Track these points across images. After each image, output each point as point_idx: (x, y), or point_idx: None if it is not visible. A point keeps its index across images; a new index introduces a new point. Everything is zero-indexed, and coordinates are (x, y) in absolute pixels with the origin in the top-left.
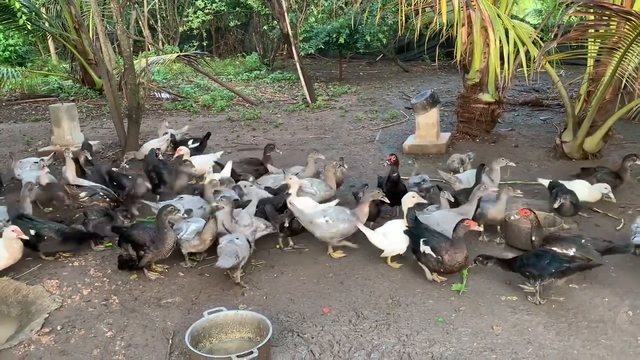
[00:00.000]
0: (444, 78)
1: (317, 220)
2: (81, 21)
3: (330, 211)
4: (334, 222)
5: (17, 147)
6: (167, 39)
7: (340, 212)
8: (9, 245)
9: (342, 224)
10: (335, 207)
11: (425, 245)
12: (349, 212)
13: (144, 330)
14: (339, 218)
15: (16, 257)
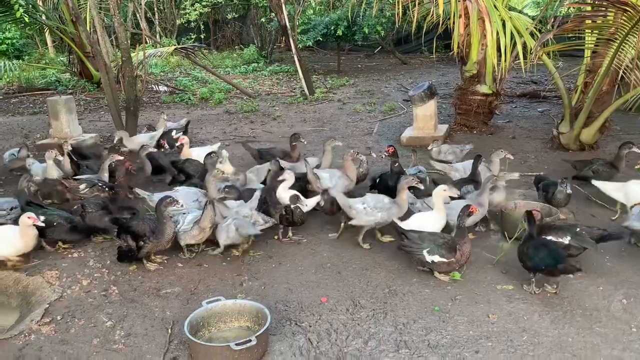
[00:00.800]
0: (442, 70)
1: (356, 206)
2: (78, 14)
3: (369, 199)
4: (371, 210)
5: (15, 140)
6: (164, 32)
7: (378, 201)
8: (24, 233)
9: (380, 213)
10: (374, 195)
11: (431, 255)
12: (387, 201)
13: (143, 320)
14: (377, 206)
15: (30, 245)
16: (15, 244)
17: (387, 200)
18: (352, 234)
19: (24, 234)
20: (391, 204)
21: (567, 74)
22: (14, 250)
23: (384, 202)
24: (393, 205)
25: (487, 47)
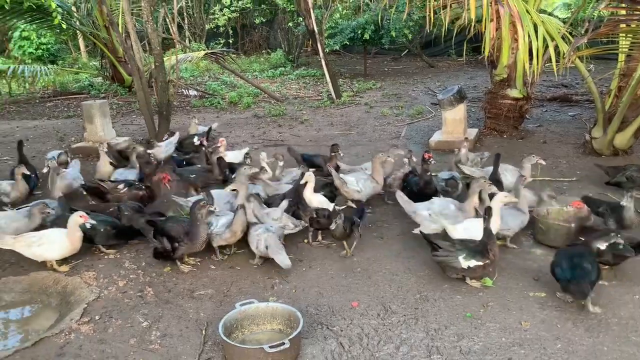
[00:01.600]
0: (470, 73)
1: (420, 212)
2: (112, 20)
3: (435, 204)
4: (436, 217)
5: (50, 143)
6: (193, 37)
7: (444, 207)
8: (72, 234)
9: (445, 220)
10: (441, 200)
11: (467, 260)
12: (454, 207)
13: (178, 321)
14: (443, 212)
15: (76, 246)
16: (62, 247)
17: (453, 206)
18: (382, 240)
19: (71, 235)
20: (458, 211)
21: (600, 77)
22: (62, 253)
23: (450, 209)
24: (459, 212)
25: (518, 51)
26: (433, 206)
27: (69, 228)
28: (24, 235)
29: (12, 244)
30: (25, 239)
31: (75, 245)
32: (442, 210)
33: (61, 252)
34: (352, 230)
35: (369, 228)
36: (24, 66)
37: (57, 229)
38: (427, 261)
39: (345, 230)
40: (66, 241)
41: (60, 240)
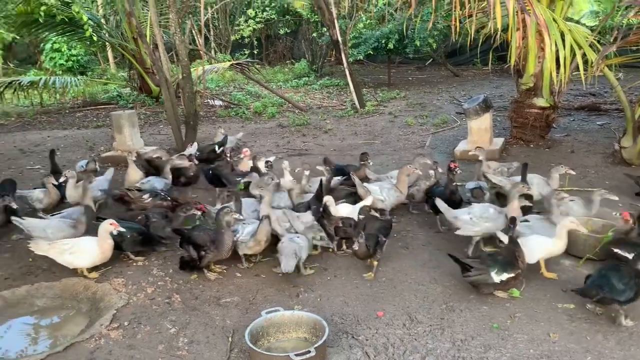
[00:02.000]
0: (495, 82)
1: (462, 216)
2: (141, 32)
3: (475, 209)
4: (477, 220)
5: (80, 152)
6: (219, 48)
7: (485, 211)
8: (102, 242)
9: (486, 223)
10: (482, 204)
11: (499, 275)
12: (493, 211)
13: (204, 327)
14: (484, 216)
15: (106, 255)
16: (93, 255)
17: (492, 209)
18: (407, 249)
19: (102, 243)
20: (498, 214)
21: (629, 86)
22: (92, 261)
23: (490, 212)
24: (500, 216)
25: (544, 59)
26: (473, 210)
27: (100, 236)
28: (57, 242)
29: (46, 250)
30: (59, 246)
31: (106, 254)
32: (482, 214)
33: (92, 261)
34: (375, 250)
35: (394, 237)
36: (55, 77)
37: (88, 237)
38: (453, 271)
39: (369, 249)
40: (97, 249)
41: (90, 248)
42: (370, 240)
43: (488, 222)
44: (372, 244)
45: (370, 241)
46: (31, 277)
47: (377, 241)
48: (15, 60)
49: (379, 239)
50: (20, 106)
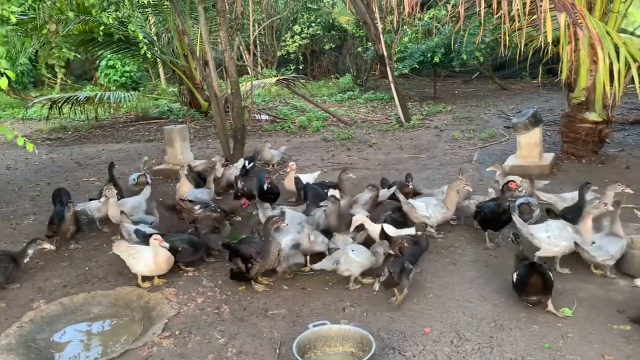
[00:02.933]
0: (545, 96)
1: (539, 234)
2: (193, 49)
3: (553, 226)
4: (555, 239)
5: (133, 165)
6: (265, 63)
7: (563, 229)
8: (155, 255)
9: (564, 242)
10: (558, 221)
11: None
12: (571, 230)
13: (252, 339)
14: (562, 235)
15: (161, 267)
16: (147, 264)
17: (570, 228)
18: (455, 265)
19: (155, 256)
20: (575, 233)
21: None
22: (147, 270)
23: (568, 231)
24: (577, 235)
25: (597, 73)
26: (551, 228)
27: (152, 249)
28: (131, 245)
29: (122, 250)
30: (129, 249)
31: (160, 266)
32: (560, 233)
33: (147, 269)
34: (401, 278)
35: (441, 253)
36: (110, 93)
37: (148, 247)
38: (502, 289)
39: (394, 278)
40: (151, 260)
41: (147, 258)
42: (395, 267)
43: (567, 241)
44: (398, 272)
45: (394, 268)
46: (88, 285)
47: (403, 268)
48: (72, 76)
49: (404, 266)
50: (77, 120)
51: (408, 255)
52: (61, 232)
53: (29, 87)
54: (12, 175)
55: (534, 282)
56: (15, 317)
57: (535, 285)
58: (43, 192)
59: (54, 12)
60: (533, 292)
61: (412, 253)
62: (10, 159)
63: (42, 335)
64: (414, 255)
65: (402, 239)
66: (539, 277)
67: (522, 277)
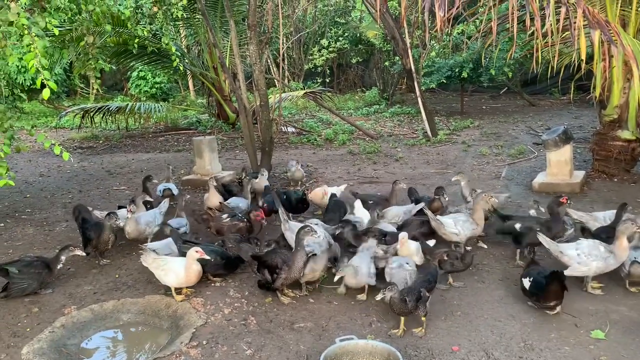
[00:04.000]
0: (575, 113)
1: (568, 252)
2: (223, 62)
3: (583, 245)
4: (586, 258)
5: (162, 174)
6: (292, 76)
7: (594, 248)
8: (188, 267)
9: (595, 262)
10: (590, 240)
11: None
12: (604, 249)
13: (279, 351)
14: (592, 254)
15: (191, 279)
16: (178, 277)
17: (603, 247)
18: (483, 284)
19: (188, 268)
20: (608, 253)
21: None
22: (177, 282)
23: (599, 250)
24: (610, 255)
25: (630, 90)
26: (581, 246)
27: (187, 261)
28: (159, 257)
29: (150, 263)
30: (158, 261)
31: (191, 278)
32: (590, 252)
33: (177, 281)
34: (417, 306)
35: (469, 271)
36: (140, 103)
37: (180, 259)
38: (531, 308)
39: (407, 304)
40: (182, 272)
41: (178, 270)
42: (411, 295)
43: (597, 260)
44: (413, 299)
45: (410, 296)
46: (117, 293)
47: (420, 296)
48: (104, 87)
49: (421, 293)
50: (108, 130)
51: (423, 282)
52: (102, 244)
53: (62, 97)
54: (44, 182)
55: (554, 289)
56: (48, 321)
57: (556, 292)
58: (75, 200)
59: (91, 25)
60: (553, 298)
61: (427, 280)
62: (43, 167)
63: (72, 340)
64: (429, 282)
65: (443, 253)
66: (559, 285)
67: (543, 284)
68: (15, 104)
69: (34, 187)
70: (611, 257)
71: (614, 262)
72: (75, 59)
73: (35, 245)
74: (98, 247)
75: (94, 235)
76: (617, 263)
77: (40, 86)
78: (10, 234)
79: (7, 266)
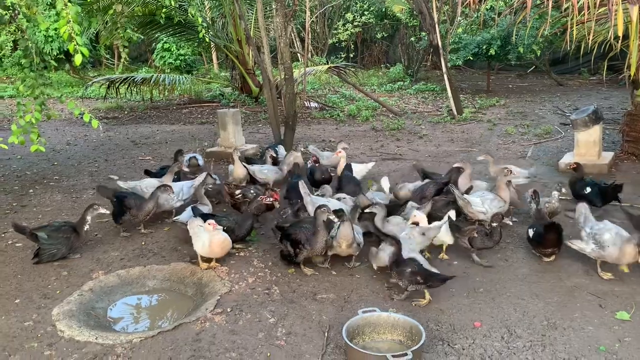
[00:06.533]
0: (604, 93)
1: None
2: (249, 35)
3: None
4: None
5: (187, 146)
6: (316, 51)
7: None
8: (211, 238)
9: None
10: (617, 227)
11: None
12: (626, 235)
13: (302, 321)
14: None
15: (215, 251)
16: (204, 246)
17: (625, 233)
18: (507, 262)
19: (211, 239)
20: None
21: None
22: (203, 251)
23: (621, 235)
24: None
25: None
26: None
27: (208, 233)
28: (200, 224)
29: (192, 227)
30: (196, 228)
31: (214, 249)
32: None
33: (203, 250)
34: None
35: (492, 249)
36: (165, 75)
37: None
38: (555, 287)
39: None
40: (207, 242)
41: (204, 239)
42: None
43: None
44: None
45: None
46: (143, 260)
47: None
48: (128, 58)
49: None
50: (133, 101)
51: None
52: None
53: (87, 67)
54: (71, 151)
55: (551, 237)
56: (76, 285)
57: (553, 240)
58: (101, 169)
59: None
60: (550, 246)
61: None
62: (70, 135)
63: (100, 304)
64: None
65: (472, 230)
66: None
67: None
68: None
69: (61, 155)
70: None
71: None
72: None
73: (63, 211)
74: (138, 216)
75: (134, 204)
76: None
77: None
78: (39, 200)
79: (36, 231)
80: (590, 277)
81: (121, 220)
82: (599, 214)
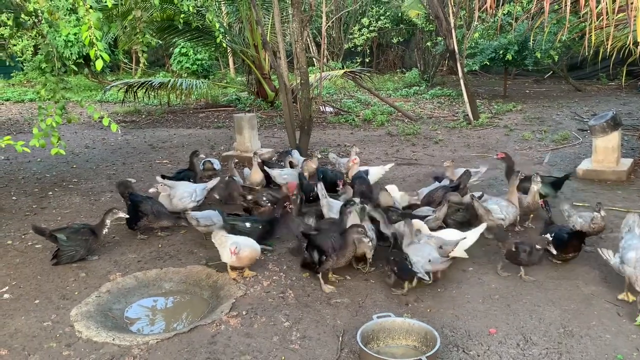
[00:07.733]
0: (623, 99)
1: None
2: (265, 39)
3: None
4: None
5: (203, 150)
6: (331, 56)
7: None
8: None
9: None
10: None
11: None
12: (505, 202)
13: (316, 325)
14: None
15: (242, 261)
16: (228, 255)
17: (505, 202)
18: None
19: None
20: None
21: None
22: (230, 260)
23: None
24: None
25: None
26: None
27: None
28: (226, 235)
29: (217, 238)
30: (222, 238)
31: (241, 260)
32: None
33: (227, 260)
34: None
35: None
36: (182, 80)
37: (241, 239)
38: (572, 294)
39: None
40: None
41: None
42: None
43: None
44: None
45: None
46: (160, 262)
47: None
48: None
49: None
50: (150, 105)
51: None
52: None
53: (106, 72)
54: (90, 154)
55: (574, 243)
56: (94, 287)
57: (575, 246)
58: (119, 172)
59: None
60: (572, 251)
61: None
62: (88, 139)
63: (117, 305)
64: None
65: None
66: (578, 240)
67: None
68: (64, 76)
69: (80, 158)
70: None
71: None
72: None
73: (81, 213)
74: (154, 224)
75: (150, 210)
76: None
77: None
78: (58, 202)
79: (56, 233)
80: (607, 285)
81: (136, 227)
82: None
